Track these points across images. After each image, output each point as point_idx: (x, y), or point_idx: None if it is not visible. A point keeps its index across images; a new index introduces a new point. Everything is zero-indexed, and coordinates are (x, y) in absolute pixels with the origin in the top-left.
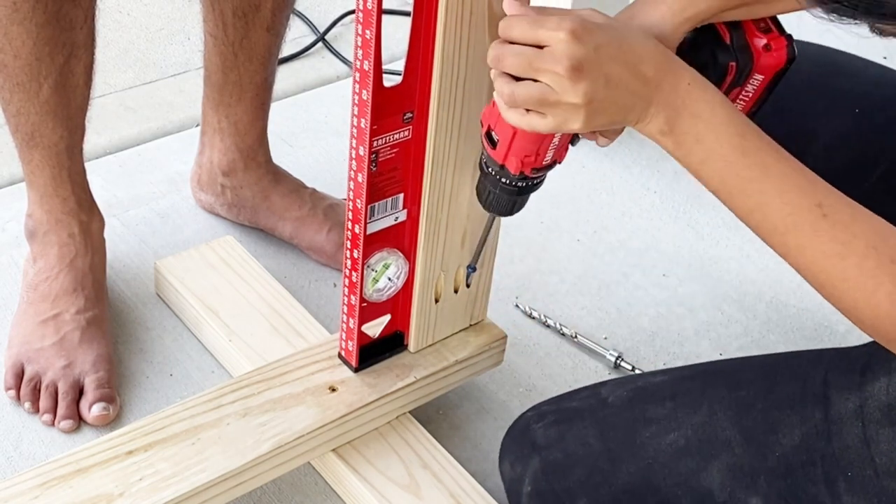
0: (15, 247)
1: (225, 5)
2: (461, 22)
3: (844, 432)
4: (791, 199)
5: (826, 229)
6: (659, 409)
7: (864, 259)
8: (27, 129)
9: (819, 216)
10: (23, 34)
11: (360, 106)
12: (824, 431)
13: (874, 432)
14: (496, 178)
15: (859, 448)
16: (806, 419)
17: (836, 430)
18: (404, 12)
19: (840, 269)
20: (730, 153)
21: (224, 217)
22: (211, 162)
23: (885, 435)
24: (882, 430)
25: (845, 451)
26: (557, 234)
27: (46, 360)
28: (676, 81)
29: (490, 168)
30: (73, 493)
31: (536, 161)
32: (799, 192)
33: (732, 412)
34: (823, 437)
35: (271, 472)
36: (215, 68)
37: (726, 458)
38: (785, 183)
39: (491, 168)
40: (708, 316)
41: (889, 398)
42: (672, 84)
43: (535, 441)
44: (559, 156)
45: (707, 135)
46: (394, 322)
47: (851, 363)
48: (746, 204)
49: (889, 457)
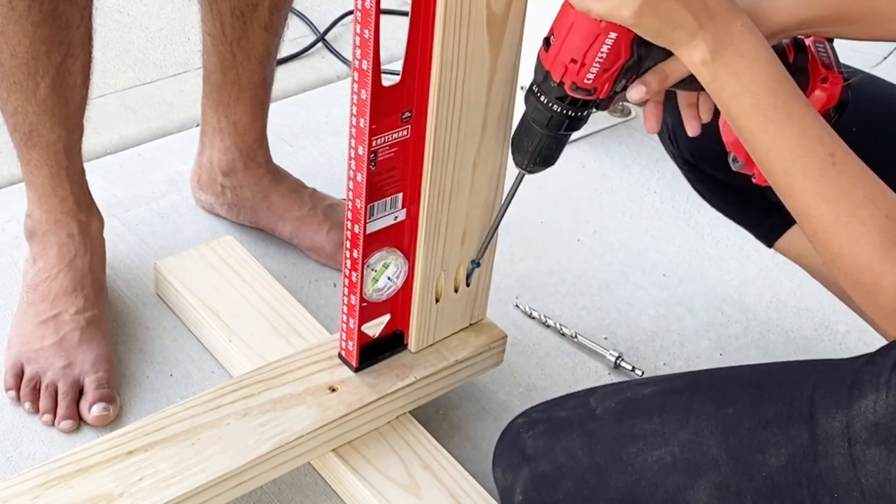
0: (15, 247)
1: (223, 5)
2: (460, 20)
3: (831, 453)
4: (806, 144)
5: (832, 177)
6: (646, 424)
7: (858, 207)
8: (25, 129)
9: (829, 164)
10: (19, 32)
11: (359, 105)
12: (811, 452)
13: (861, 452)
14: (537, 95)
15: (846, 469)
16: (792, 438)
17: (823, 451)
18: (403, 12)
19: (834, 214)
20: (762, 93)
21: (224, 217)
22: (211, 162)
23: (872, 455)
24: (868, 449)
25: (831, 471)
26: (557, 234)
27: (46, 361)
28: (731, 19)
29: (534, 84)
30: (73, 493)
31: (580, 73)
32: (816, 139)
33: (719, 430)
34: (810, 458)
35: (271, 472)
36: (214, 68)
37: (713, 477)
38: (805, 128)
39: (535, 83)
40: (708, 316)
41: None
42: (726, 21)
43: (524, 451)
44: (600, 86)
45: (745, 72)
46: (394, 322)
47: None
48: (765, 142)
49: (875, 478)
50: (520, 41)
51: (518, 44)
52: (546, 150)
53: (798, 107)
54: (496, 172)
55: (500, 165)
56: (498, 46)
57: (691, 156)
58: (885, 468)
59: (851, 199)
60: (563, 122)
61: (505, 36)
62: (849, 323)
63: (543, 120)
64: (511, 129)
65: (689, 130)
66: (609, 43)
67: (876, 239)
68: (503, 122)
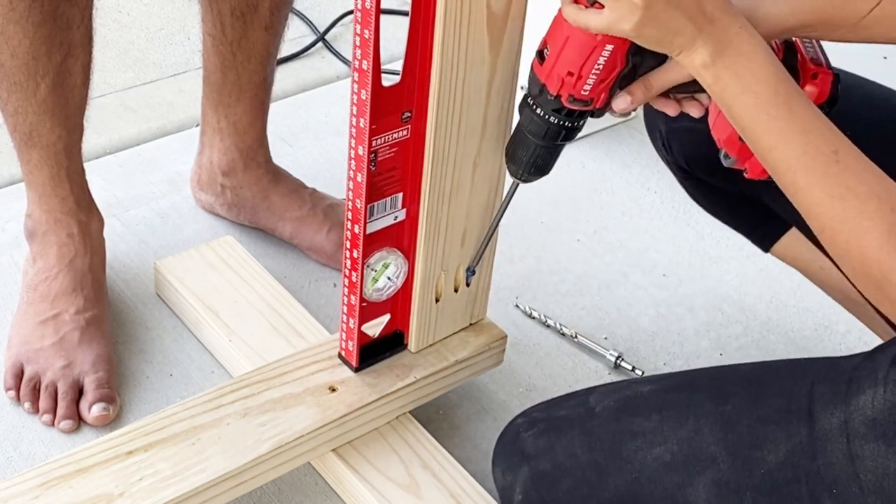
0: (15, 247)
1: (223, 5)
2: (460, 21)
3: (829, 449)
4: (810, 141)
5: (836, 173)
6: (645, 422)
7: (864, 202)
8: (25, 129)
9: (833, 161)
10: (19, 33)
11: (359, 105)
12: (809, 448)
13: (859, 448)
14: (532, 107)
15: (844, 465)
16: (791, 435)
17: (821, 447)
18: (403, 12)
19: (840, 209)
20: (764, 92)
21: (224, 217)
22: (211, 162)
23: (870, 451)
24: (867, 445)
25: (830, 467)
26: (557, 234)
27: (46, 361)
28: (730, 22)
29: (529, 96)
30: (73, 493)
31: (577, 85)
32: (819, 136)
33: (718, 427)
34: (808, 454)
35: (271, 472)
36: (214, 68)
37: (712, 474)
38: (808, 125)
39: (530, 95)
40: (708, 316)
41: (874, 412)
42: (725, 24)
43: (524, 450)
44: (597, 97)
45: (746, 73)
46: (394, 322)
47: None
48: (768, 141)
49: (874, 473)
50: (520, 41)
51: (518, 44)
52: (541, 160)
53: (800, 105)
54: (496, 172)
55: (500, 165)
56: (498, 47)
57: (685, 162)
58: (883, 463)
59: (856, 195)
60: (559, 133)
61: (505, 36)
62: (849, 323)
63: (539, 131)
64: (511, 130)
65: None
66: (605, 55)
67: (884, 233)
68: (503, 122)
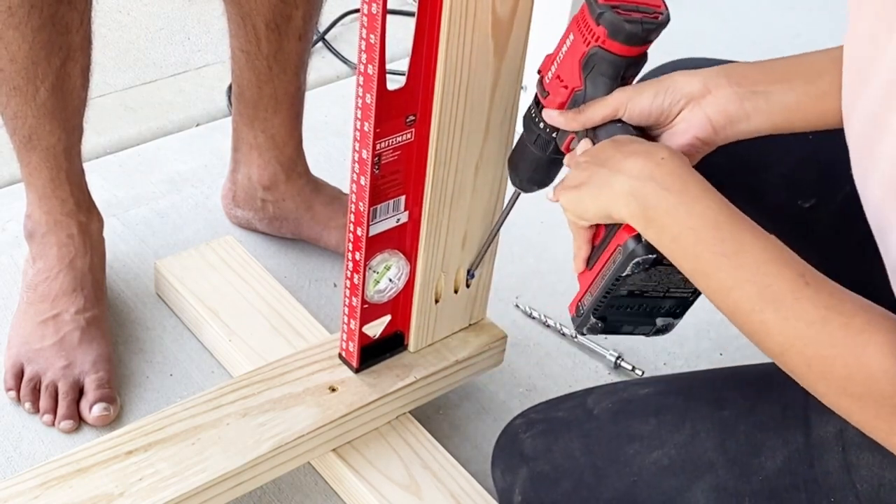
0: (15, 247)
1: (257, 19)
2: (465, 25)
3: (825, 457)
4: (770, 271)
5: (809, 296)
6: (643, 425)
7: (850, 318)
8: (25, 132)
9: (802, 284)
10: (18, 38)
11: (364, 110)
12: (806, 456)
13: (854, 457)
14: (535, 121)
15: (841, 473)
16: (788, 442)
17: (818, 455)
18: (403, 12)
19: (826, 334)
20: (703, 227)
21: (263, 232)
22: (249, 178)
23: (866, 460)
24: (862, 454)
25: (827, 476)
26: (557, 234)
27: (46, 361)
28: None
29: (531, 109)
30: (73, 493)
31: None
32: (780, 263)
33: (715, 433)
34: (806, 462)
35: (271, 472)
36: (249, 84)
37: (710, 479)
38: (764, 255)
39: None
40: (708, 316)
41: None
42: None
43: (523, 451)
44: None
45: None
46: (394, 322)
47: None
48: (724, 282)
49: (870, 482)
50: (525, 45)
51: (523, 48)
52: (542, 172)
53: (748, 235)
54: (498, 176)
55: (502, 170)
56: (503, 51)
57: None
58: (878, 473)
59: (840, 313)
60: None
61: (510, 40)
62: None
63: (541, 143)
64: (514, 133)
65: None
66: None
67: (883, 341)
68: (506, 126)
